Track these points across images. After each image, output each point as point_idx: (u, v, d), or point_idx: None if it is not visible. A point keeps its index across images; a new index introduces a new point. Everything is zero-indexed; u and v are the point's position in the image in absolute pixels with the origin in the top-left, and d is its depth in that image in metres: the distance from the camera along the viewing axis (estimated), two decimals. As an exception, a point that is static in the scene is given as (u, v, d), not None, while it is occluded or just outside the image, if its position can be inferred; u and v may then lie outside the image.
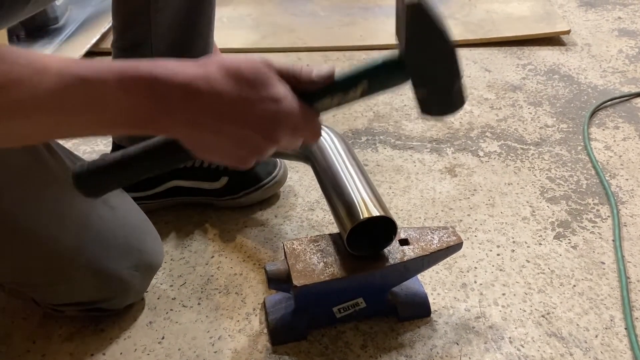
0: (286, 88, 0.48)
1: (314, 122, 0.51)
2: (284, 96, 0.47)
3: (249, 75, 0.46)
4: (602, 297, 0.79)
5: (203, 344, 0.74)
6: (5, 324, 0.77)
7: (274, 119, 0.47)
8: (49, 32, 1.64)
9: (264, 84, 0.46)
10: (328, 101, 0.51)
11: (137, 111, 0.44)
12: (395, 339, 0.74)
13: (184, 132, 0.46)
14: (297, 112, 0.48)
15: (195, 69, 0.45)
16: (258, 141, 0.47)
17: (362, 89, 0.51)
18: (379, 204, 0.68)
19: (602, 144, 1.13)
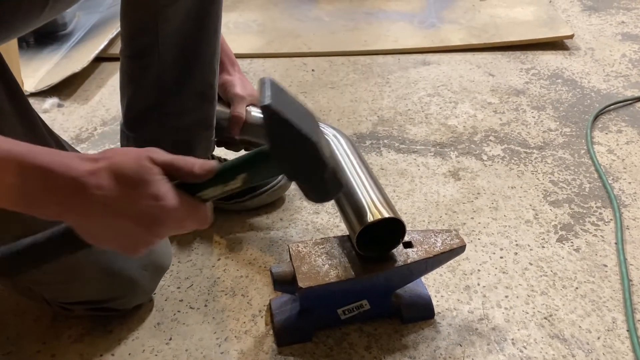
0: (167, 185, 0.51)
1: (198, 211, 0.53)
2: (164, 193, 0.50)
3: (132, 175, 0.49)
4: (604, 299, 0.80)
5: (210, 345, 0.75)
6: (15, 324, 0.79)
7: (154, 215, 0.49)
8: (58, 38, 1.66)
9: (144, 182, 0.49)
10: (211, 191, 0.53)
11: (31, 197, 0.47)
12: (399, 341, 0.75)
13: (73, 221, 0.50)
14: (178, 207, 0.50)
15: (87, 165, 0.48)
16: (141, 234, 0.50)
17: (242, 180, 0.53)
18: (387, 206, 0.69)
19: (605, 147, 1.14)
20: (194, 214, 0.53)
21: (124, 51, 0.89)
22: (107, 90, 1.43)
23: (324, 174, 0.52)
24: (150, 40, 0.84)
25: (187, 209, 0.51)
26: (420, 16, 1.78)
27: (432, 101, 1.33)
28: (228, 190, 0.53)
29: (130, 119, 0.90)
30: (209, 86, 0.91)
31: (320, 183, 0.53)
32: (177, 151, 0.95)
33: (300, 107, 0.54)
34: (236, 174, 0.53)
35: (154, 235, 0.51)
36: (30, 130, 0.65)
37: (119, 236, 0.50)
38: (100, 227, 0.50)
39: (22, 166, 0.46)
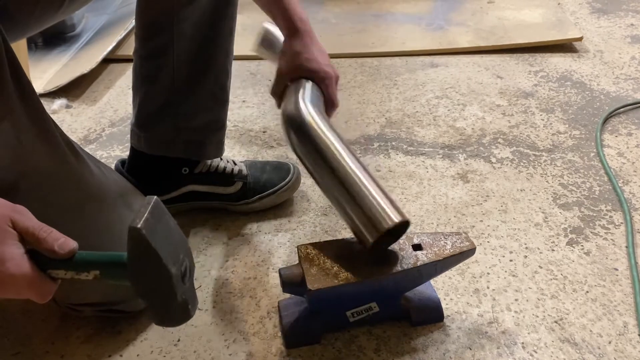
0: (18, 250, 0.49)
1: (41, 286, 0.51)
2: (11, 258, 0.48)
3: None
4: (615, 303, 0.79)
5: (218, 346, 0.75)
6: (25, 325, 0.79)
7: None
8: (66, 40, 1.67)
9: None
10: (61, 273, 0.52)
11: None
12: (408, 344, 0.74)
13: None
14: (22, 276, 0.49)
15: None
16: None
17: (95, 275, 0.53)
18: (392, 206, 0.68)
19: (614, 150, 1.13)
20: (36, 288, 0.51)
21: (138, 51, 0.89)
22: (115, 92, 1.43)
23: (173, 303, 0.53)
24: (166, 40, 0.84)
25: (30, 281, 0.50)
26: (428, 18, 1.77)
27: (440, 103, 1.32)
28: (77, 278, 0.53)
29: (142, 118, 0.91)
30: (222, 87, 0.91)
31: (167, 311, 0.54)
32: (188, 152, 0.96)
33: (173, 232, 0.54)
34: (90, 268, 0.53)
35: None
36: (42, 132, 0.65)
37: None
38: None
39: None
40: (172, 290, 0.52)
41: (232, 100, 1.34)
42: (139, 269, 0.52)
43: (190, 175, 0.94)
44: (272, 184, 0.97)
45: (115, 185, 0.75)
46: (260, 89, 1.42)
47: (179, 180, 0.94)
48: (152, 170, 0.93)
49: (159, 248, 0.50)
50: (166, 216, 0.54)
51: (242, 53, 1.59)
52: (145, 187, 0.85)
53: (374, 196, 0.68)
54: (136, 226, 0.49)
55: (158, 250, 0.50)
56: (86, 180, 0.69)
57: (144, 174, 0.92)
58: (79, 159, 0.69)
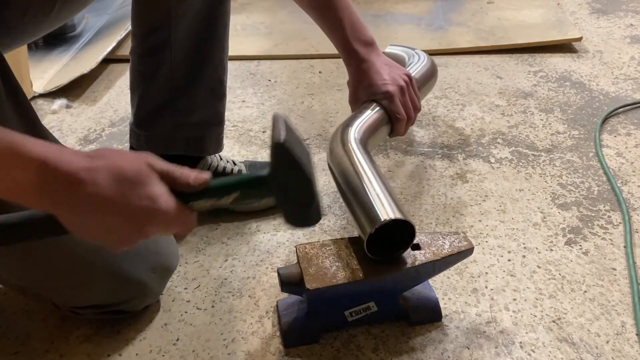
0: (163, 188, 0.52)
1: (187, 218, 0.55)
2: (159, 195, 0.51)
3: (130, 174, 0.50)
4: (613, 303, 0.79)
5: (217, 346, 0.75)
6: (24, 324, 0.79)
7: (147, 214, 0.51)
8: (66, 40, 1.67)
9: (142, 183, 0.50)
10: (202, 203, 0.56)
11: (22, 187, 0.47)
12: (406, 343, 0.74)
13: (62, 213, 0.50)
14: (170, 210, 0.52)
15: (84, 162, 0.49)
16: (130, 232, 0.52)
17: (234, 197, 0.56)
18: (397, 207, 0.69)
19: (613, 150, 1.13)
20: (182, 220, 0.54)
21: (135, 49, 0.89)
22: (115, 92, 1.44)
23: (313, 206, 0.57)
24: (163, 37, 0.85)
25: (177, 214, 0.53)
26: (427, 19, 1.78)
27: (439, 103, 1.32)
28: (218, 204, 0.56)
29: (141, 117, 0.91)
30: (219, 82, 0.92)
31: (306, 213, 0.58)
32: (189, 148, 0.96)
33: (302, 144, 0.58)
34: (230, 191, 0.56)
35: (140, 233, 0.52)
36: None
37: (106, 232, 0.51)
38: (89, 223, 0.50)
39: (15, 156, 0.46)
40: (312, 194, 0.56)
41: (231, 100, 1.35)
42: (282, 180, 0.55)
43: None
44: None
45: None
46: (260, 89, 1.43)
47: (178, 180, 0.94)
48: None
49: (300, 158, 0.54)
50: (293, 128, 0.57)
51: (241, 53, 1.60)
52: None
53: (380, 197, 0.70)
54: (280, 141, 0.52)
55: (300, 161, 0.54)
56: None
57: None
58: None
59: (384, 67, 0.89)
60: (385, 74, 0.88)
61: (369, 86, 0.88)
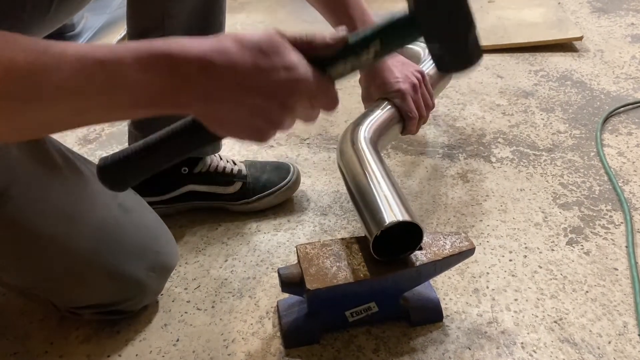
0: (299, 56, 0.49)
1: (329, 89, 0.51)
2: (297, 63, 0.48)
3: (263, 44, 0.46)
4: (615, 303, 0.79)
5: (217, 346, 0.75)
6: (23, 325, 0.79)
7: (288, 86, 0.47)
8: (66, 39, 1.66)
9: (277, 53, 0.47)
10: (342, 66, 0.51)
11: (155, 88, 0.45)
12: (407, 344, 0.74)
13: (202, 107, 0.47)
14: (311, 79, 0.49)
15: (209, 43, 0.46)
16: (274, 110, 0.48)
17: (375, 50, 0.50)
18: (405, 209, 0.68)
19: (615, 150, 1.13)
20: (325, 91, 0.51)
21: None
22: (115, 91, 1.43)
23: (472, 34, 0.49)
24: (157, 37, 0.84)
25: (318, 83, 0.49)
26: (428, 18, 1.77)
27: (439, 103, 1.32)
28: (359, 64, 0.51)
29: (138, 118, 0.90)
30: None
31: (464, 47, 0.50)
32: None
33: None
34: (370, 41, 0.50)
35: (286, 108, 0.48)
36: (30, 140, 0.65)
37: (248, 118, 0.48)
38: (228, 110, 0.47)
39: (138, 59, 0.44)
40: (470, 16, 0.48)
41: (231, 99, 1.35)
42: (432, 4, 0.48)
43: (189, 175, 0.94)
44: (271, 183, 0.97)
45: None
46: (260, 89, 1.42)
47: (178, 180, 0.94)
48: (152, 170, 0.93)
49: None
50: None
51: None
52: (145, 187, 0.85)
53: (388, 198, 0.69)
54: None
55: None
56: (76, 183, 0.68)
57: (144, 173, 0.92)
58: (68, 162, 0.68)
59: (396, 64, 0.88)
60: (397, 72, 0.87)
61: (382, 84, 0.87)
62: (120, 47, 0.44)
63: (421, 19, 0.49)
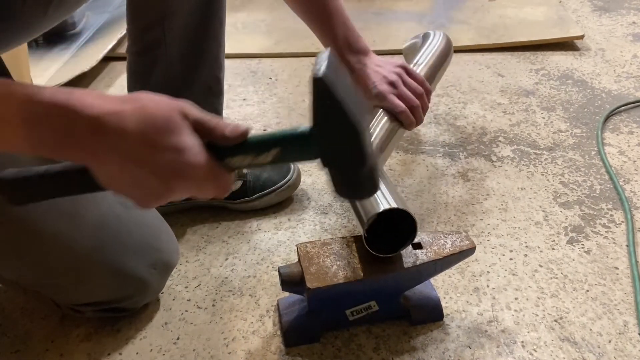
0: (195, 140, 0.48)
1: (221, 177, 0.51)
2: (189, 147, 0.47)
3: (160, 121, 0.46)
4: (615, 302, 0.79)
5: (217, 344, 0.75)
6: (24, 323, 0.79)
7: (172, 167, 0.47)
8: (67, 38, 1.67)
9: (172, 132, 0.47)
10: (239, 160, 0.50)
11: (46, 137, 0.45)
12: (407, 342, 0.74)
13: (90, 163, 0.47)
14: (201, 165, 0.48)
15: (111, 105, 0.46)
16: (155, 186, 0.48)
17: (274, 155, 0.50)
18: (396, 199, 0.68)
19: (616, 149, 1.13)
20: (216, 179, 0.50)
21: (131, 47, 0.89)
22: (116, 90, 1.43)
23: (362, 168, 0.49)
24: (157, 35, 0.84)
25: (209, 171, 0.49)
26: (429, 16, 1.77)
27: (440, 101, 1.32)
28: (256, 163, 0.50)
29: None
30: (216, 80, 0.91)
31: (355, 177, 0.50)
32: None
33: (354, 91, 0.49)
34: (270, 147, 0.49)
35: (170, 190, 0.48)
36: None
37: (133, 185, 0.48)
38: (117, 172, 0.47)
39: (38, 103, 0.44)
40: (361, 151, 0.48)
41: (232, 98, 1.35)
42: (326, 129, 0.47)
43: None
44: (272, 182, 0.97)
45: None
46: (261, 87, 1.42)
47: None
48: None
49: (343, 100, 0.45)
50: (343, 70, 0.49)
51: (242, 51, 1.59)
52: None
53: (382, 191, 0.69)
54: (318, 76, 0.44)
55: (342, 103, 0.45)
56: None
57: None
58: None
59: (374, 68, 0.87)
60: (374, 76, 0.86)
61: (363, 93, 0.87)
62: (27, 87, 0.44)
63: (316, 142, 0.49)
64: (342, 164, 0.50)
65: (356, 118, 0.46)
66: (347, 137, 0.47)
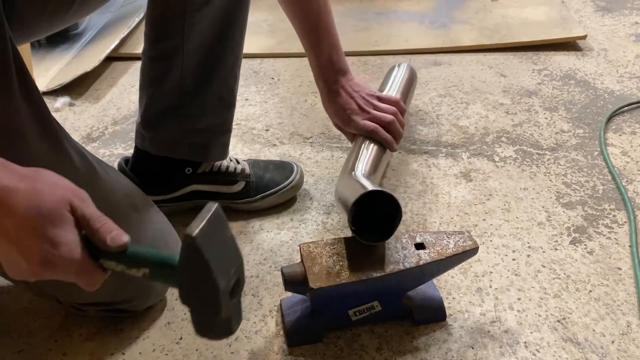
0: (74, 237, 0.50)
1: (91, 274, 0.52)
2: (65, 243, 0.49)
3: (45, 211, 0.47)
4: (618, 302, 0.79)
5: (220, 344, 0.75)
6: (27, 323, 0.79)
7: (44, 257, 0.48)
8: (69, 38, 1.67)
9: (53, 224, 0.48)
10: (112, 265, 0.52)
11: None
12: (410, 343, 0.74)
13: None
14: (72, 261, 0.49)
15: (7, 181, 0.47)
16: (25, 268, 0.49)
17: (144, 272, 0.52)
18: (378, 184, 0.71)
19: (618, 149, 1.12)
20: (85, 275, 0.52)
21: (147, 52, 0.89)
22: (118, 90, 1.44)
23: (217, 318, 0.52)
24: (175, 43, 0.83)
25: (80, 268, 0.50)
26: (431, 16, 1.77)
27: (443, 102, 1.32)
28: (127, 273, 0.53)
29: (147, 119, 0.90)
30: (229, 91, 0.91)
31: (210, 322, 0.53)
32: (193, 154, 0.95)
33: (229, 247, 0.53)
34: (141, 265, 0.52)
35: (37, 274, 0.49)
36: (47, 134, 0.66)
37: (5, 257, 0.49)
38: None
39: None
40: (217, 305, 0.51)
41: (234, 98, 1.35)
42: (188, 277, 0.51)
43: (193, 175, 0.94)
44: (275, 183, 0.97)
45: (120, 186, 0.75)
46: (263, 87, 1.42)
47: (182, 180, 0.94)
48: (156, 170, 0.93)
49: (211, 260, 0.49)
50: (224, 226, 0.53)
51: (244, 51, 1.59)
52: (149, 186, 0.85)
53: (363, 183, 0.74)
54: (191, 234, 0.48)
55: (210, 263, 0.49)
56: (91, 181, 0.69)
57: (148, 173, 0.92)
58: (84, 160, 0.69)
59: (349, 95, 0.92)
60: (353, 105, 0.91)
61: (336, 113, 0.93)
62: None
63: (179, 279, 0.52)
64: (197, 308, 0.53)
65: (218, 279, 0.50)
66: (207, 292, 0.51)
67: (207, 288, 0.50)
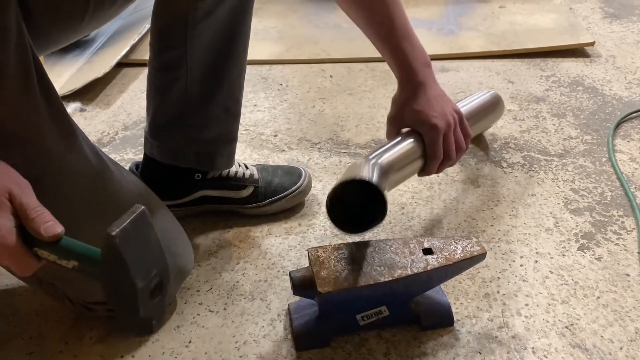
0: (9, 223, 0.52)
1: (23, 260, 0.54)
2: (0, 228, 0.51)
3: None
4: (627, 309, 0.79)
5: (229, 348, 0.76)
6: (39, 325, 0.80)
7: None
8: (80, 44, 1.69)
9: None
10: (46, 253, 0.54)
11: None
12: (418, 348, 0.74)
13: None
14: (6, 247, 0.52)
15: None
16: None
17: (73, 265, 0.54)
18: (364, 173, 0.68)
19: (627, 155, 1.12)
20: (17, 261, 0.54)
21: (152, 62, 0.90)
22: (129, 95, 1.45)
23: (135, 315, 0.55)
24: (179, 54, 0.84)
25: (12, 253, 0.53)
26: (438, 23, 1.78)
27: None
28: (59, 264, 0.55)
29: (155, 128, 0.92)
30: (235, 101, 0.92)
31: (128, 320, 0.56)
32: (199, 163, 0.96)
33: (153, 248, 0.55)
34: (71, 257, 0.54)
35: None
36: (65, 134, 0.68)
37: None
38: None
39: None
40: (135, 303, 0.54)
41: (243, 104, 1.35)
42: (108, 274, 0.54)
43: (202, 180, 0.95)
44: (283, 188, 0.98)
45: (134, 186, 0.76)
46: (272, 93, 1.43)
47: (191, 186, 0.95)
48: (165, 176, 0.94)
49: (130, 259, 0.52)
50: (148, 229, 0.55)
51: (253, 57, 1.60)
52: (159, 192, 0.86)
53: None
54: (111, 233, 0.51)
55: (127, 262, 0.52)
56: (107, 181, 0.71)
57: (157, 179, 0.93)
58: (99, 159, 0.71)
59: (437, 98, 0.82)
60: (437, 107, 0.81)
61: (418, 112, 0.80)
62: None
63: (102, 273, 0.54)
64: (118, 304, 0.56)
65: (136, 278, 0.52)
66: (126, 290, 0.53)
67: (125, 286, 0.53)
